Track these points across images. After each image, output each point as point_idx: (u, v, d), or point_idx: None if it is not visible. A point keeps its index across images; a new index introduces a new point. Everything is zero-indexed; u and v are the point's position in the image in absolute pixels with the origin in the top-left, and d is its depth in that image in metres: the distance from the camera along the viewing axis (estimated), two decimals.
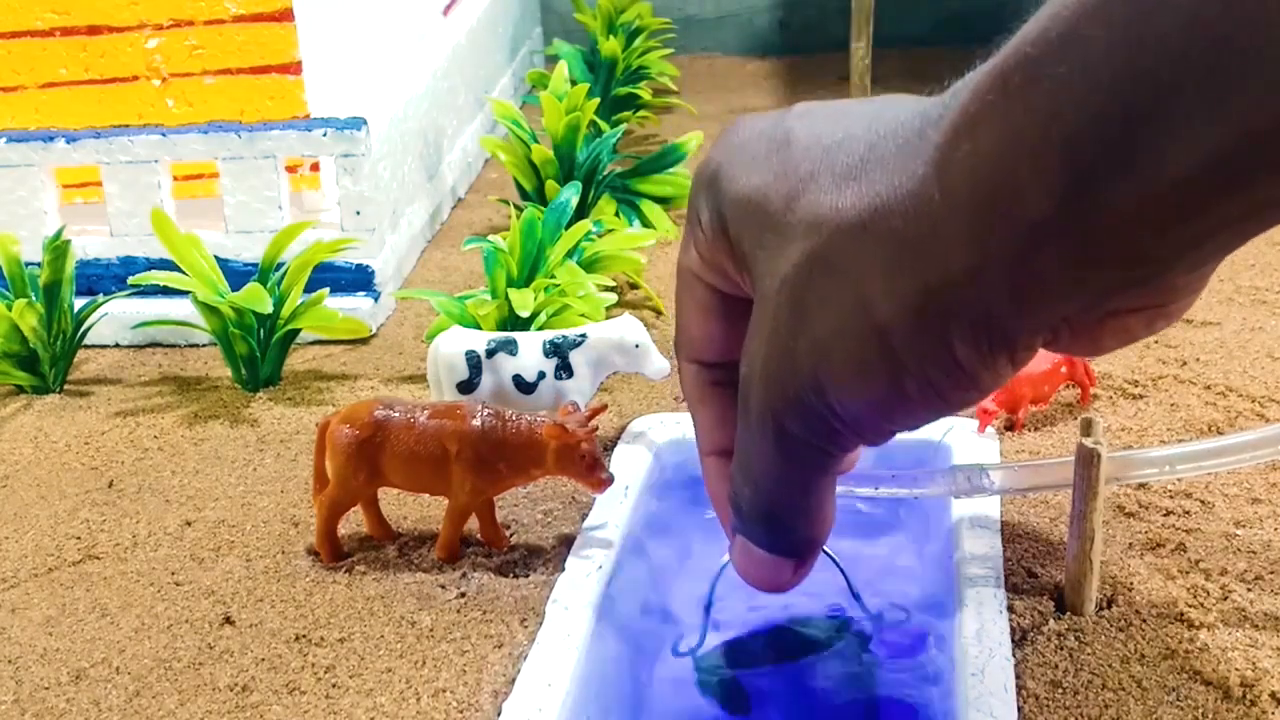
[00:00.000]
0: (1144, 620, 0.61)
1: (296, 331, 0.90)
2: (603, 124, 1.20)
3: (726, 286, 0.35)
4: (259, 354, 0.89)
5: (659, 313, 0.99)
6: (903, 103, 0.30)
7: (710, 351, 0.36)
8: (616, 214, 1.12)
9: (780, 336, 0.30)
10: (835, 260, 0.29)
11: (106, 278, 1.01)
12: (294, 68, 1.06)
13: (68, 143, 0.98)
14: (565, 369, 0.76)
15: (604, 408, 0.71)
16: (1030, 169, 0.25)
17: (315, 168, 1.09)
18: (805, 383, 0.30)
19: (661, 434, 0.78)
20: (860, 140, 0.29)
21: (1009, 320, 0.27)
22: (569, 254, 0.91)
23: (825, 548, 0.41)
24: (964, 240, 0.27)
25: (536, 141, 1.12)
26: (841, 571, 0.59)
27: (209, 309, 0.88)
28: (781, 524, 0.34)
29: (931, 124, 0.28)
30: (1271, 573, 0.64)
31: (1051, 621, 0.61)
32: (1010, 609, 0.61)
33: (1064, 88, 0.25)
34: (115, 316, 0.98)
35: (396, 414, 0.67)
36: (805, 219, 0.30)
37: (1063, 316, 0.27)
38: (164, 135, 0.98)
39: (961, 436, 0.75)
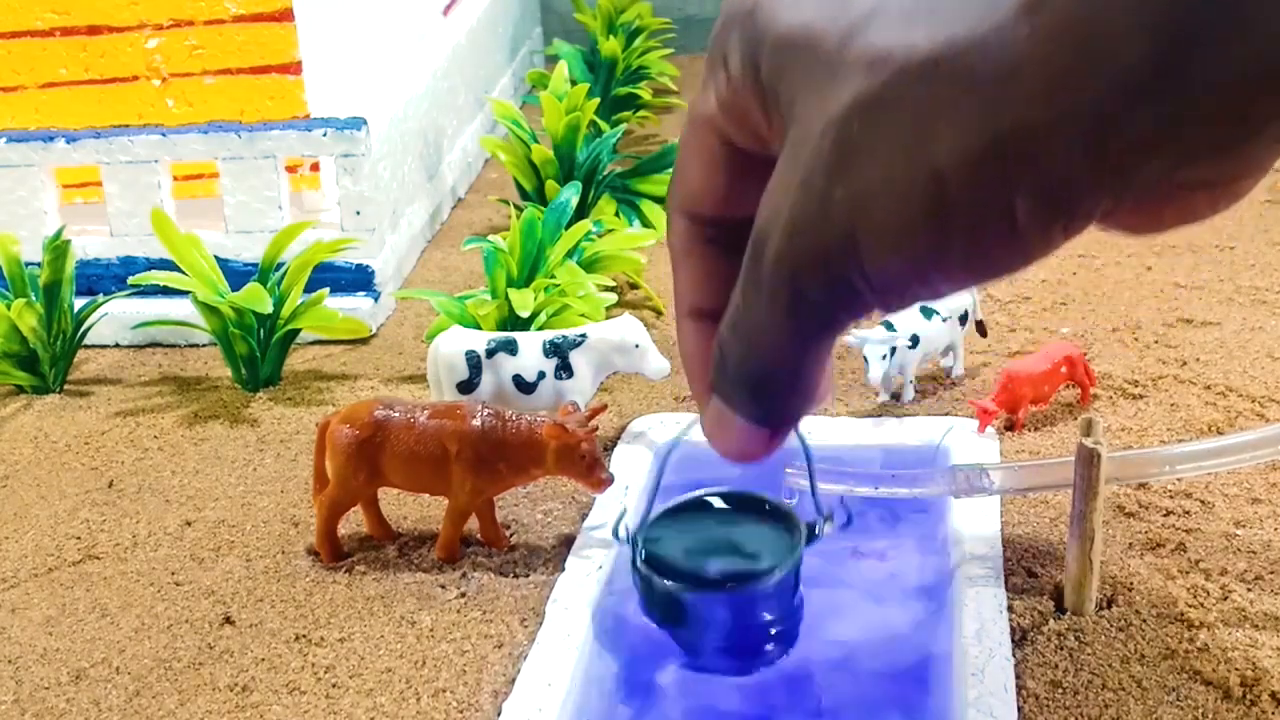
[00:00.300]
0: (1144, 620, 0.61)
1: (296, 331, 0.90)
2: (603, 124, 1.20)
3: (744, 139, 0.32)
4: (259, 354, 0.89)
5: (659, 313, 0.99)
6: None
7: (709, 204, 0.34)
8: (616, 214, 1.12)
9: (815, 184, 0.28)
10: (895, 101, 0.27)
11: (106, 278, 1.01)
12: (294, 68, 1.06)
13: (68, 143, 0.98)
14: (565, 369, 0.76)
15: (604, 408, 0.71)
16: (1134, 12, 0.24)
17: (315, 168, 1.09)
18: (836, 236, 0.28)
19: (661, 434, 0.78)
20: None
21: (1080, 181, 0.26)
22: (569, 254, 0.91)
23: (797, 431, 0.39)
24: (1048, 87, 0.25)
25: (536, 141, 1.12)
26: (808, 458, 0.57)
27: (209, 309, 0.88)
28: (770, 390, 0.32)
29: None
30: (1271, 573, 0.64)
31: (1051, 621, 0.61)
32: (1010, 609, 0.61)
33: None
34: (115, 316, 0.98)
35: (396, 414, 0.67)
36: (864, 57, 0.27)
37: (1136, 182, 0.26)
38: (164, 135, 0.98)
39: (961, 436, 0.75)
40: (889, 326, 0.79)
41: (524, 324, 0.85)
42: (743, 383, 0.32)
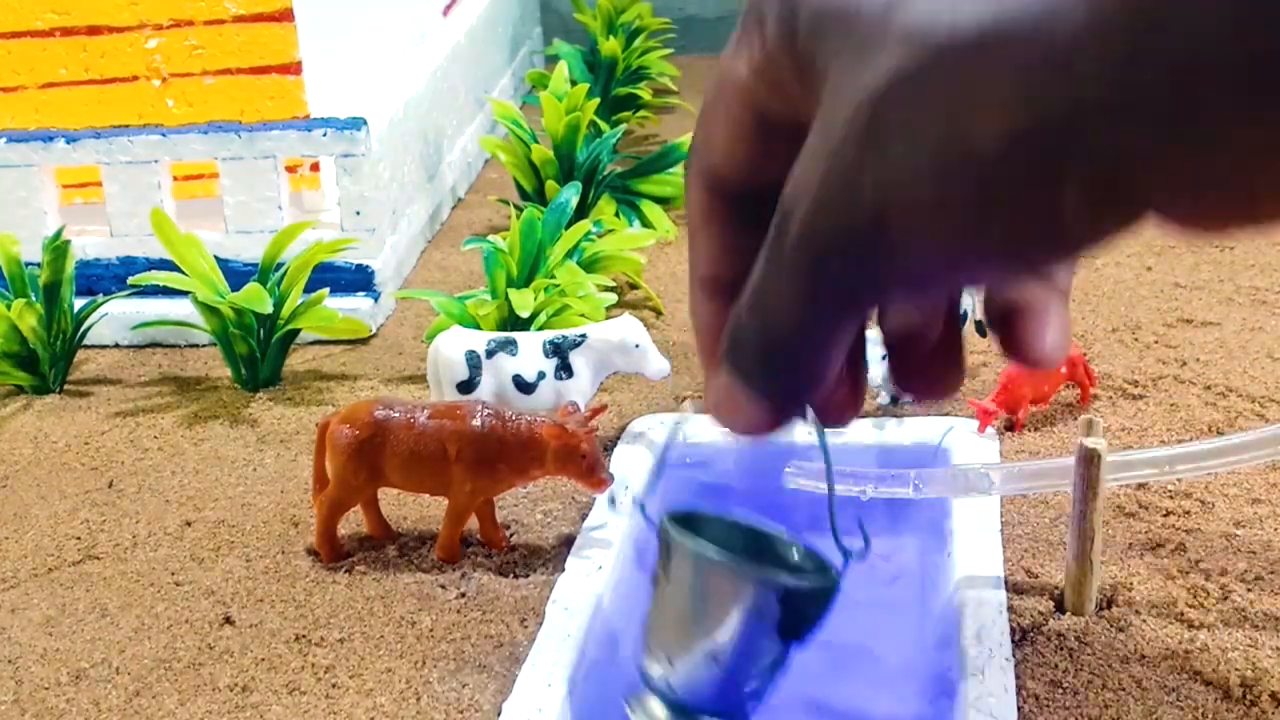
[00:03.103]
0: (1144, 620, 0.61)
1: (296, 331, 0.90)
2: (603, 124, 1.20)
3: (775, 106, 0.31)
4: (259, 354, 0.89)
5: (659, 313, 0.99)
6: None
7: (732, 172, 0.33)
8: (616, 214, 1.12)
9: (845, 159, 0.27)
10: (934, 79, 0.25)
11: (106, 278, 1.01)
12: (294, 68, 1.05)
13: (68, 143, 0.98)
14: (565, 369, 0.76)
15: (604, 408, 0.71)
16: None
17: (315, 168, 1.09)
18: (865, 216, 0.27)
19: (661, 434, 0.78)
20: None
21: (1142, 170, 0.24)
22: (569, 254, 0.91)
23: (818, 428, 0.37)
24: (1105, 69, 0.23)
25: (536, 141, 1.12)
26: (826, 462, 0.53)
27: (209, 309, 0.88)
28: (783, 368, 0.30)
29: None
30: (1271, 573, 0.64)
31: (1051, 621, 0.61)
32: (1010, 609, 0.61)
33: None
34: (115, 316, 0.98)
35: (396, 414, 0.67)
36: (904, 30, 0.26)
37: (1207, 172, 0.24)
38: (164, 135, 0.98)
39: (961, 436, 0.75)
40: None
41: (524, 324, 0.85)
42: (756, 357, 0.31)
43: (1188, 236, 0.27)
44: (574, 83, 1.19)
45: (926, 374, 0.34)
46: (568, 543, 0.69)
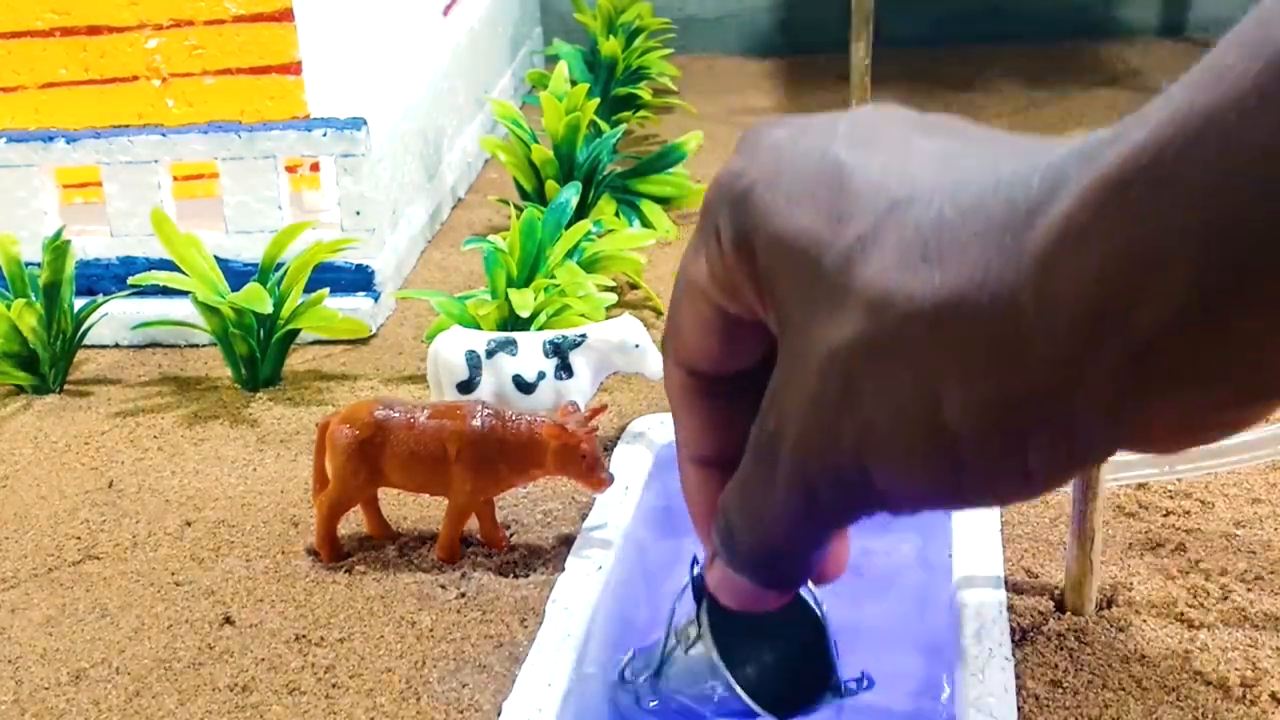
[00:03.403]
0: (1144, 620, 0.61)
1: (296, 331, 0.90)
2: (603, 124, 1.20)
3: (736, 309, 0.32)
4: (259, 354, 0.89)
5: (659, 313, 0.99)
6: (971, 157, 0.28)
7: (706, 364, 0.35)
8: (616, 214, 1.12)
9: (824, 409, 0.29)
10: (900, 350, 0.27)
11: (106, 278, 1.01)
12: (294, 68, 1.06)
13: (68, 143, 0.98)
14: (565, 369, 0.76)
15: (604, 408, 0.71)
16: (1148, 289, 0.24)
17: (315, 168, 1.09)
18: (847, 460, 0.29)
19: (661, 434, 0.78)
20: (931, 205, 0.27)
21: (1095, 433, 0.26)
22: (569, 254, 0.91)
23: (813, 590, 0.39)
24: (1058, 356, 0.25)
25: (536, 141, 1.12)
26: (824, 621, 0.56)
27: (209, 309, 0.88)
28: (780, 567, 0.33)
29: (1021, 217, 0.26)
30: (1271, 573, 0.64)
31: (1051, 621, 0.61)
32: (1010, 609, 0.61)
33: (1195, 198, 0.23)
34: (115, 316, 0.98)
35: (396, 414, 0.67)
36: (866, 293, 0.27)
37: (1172, 424, 0.26)
38: (164, 135, 0.98)
39: None
40: None
41: (524, 324, 0.85)
42: (754, 558, 0.33)
43: (1145, 453, 0.30)
44: (574, 83, 1.19)
45: None
46: (568, 543, 0.69)
